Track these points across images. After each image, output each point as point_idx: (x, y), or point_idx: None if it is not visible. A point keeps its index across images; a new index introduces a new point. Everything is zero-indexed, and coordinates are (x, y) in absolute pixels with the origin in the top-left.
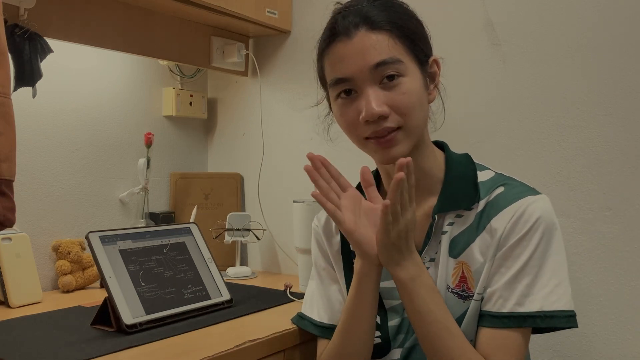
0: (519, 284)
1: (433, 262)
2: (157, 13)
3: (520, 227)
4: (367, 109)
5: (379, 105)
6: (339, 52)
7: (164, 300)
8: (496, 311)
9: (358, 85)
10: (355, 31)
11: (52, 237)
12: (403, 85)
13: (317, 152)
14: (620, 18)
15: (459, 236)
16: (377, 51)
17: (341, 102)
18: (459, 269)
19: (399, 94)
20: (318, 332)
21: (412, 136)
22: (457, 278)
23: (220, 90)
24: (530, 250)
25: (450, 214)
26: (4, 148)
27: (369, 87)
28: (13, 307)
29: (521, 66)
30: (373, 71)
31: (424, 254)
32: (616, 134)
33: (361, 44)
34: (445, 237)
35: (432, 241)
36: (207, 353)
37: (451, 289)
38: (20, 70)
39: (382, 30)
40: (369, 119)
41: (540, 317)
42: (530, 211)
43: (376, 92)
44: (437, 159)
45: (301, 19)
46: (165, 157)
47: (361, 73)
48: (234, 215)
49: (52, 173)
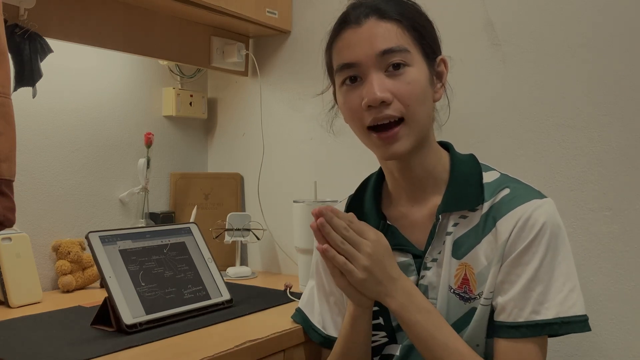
0: (533, 292)
1: (435, 263)
2: (157, 13)
3: (526, 233)
4: (369, 93)
5: (382, 91)
6: (347, 38)
7: (164, 300)
8: (512, 321)
9: (363, 72)
10: (365, 19)
11: (52, 237)
12: (408, 75)
13: (318, 152)
14: (621, 18)
15: (463, 237)
16: (385, 39)
17: (346, 89)
18: (462, 271)
19: (403, 83)
20: (320, 340)
21: (415, 132)
22: (460, 279)
23: (220, 90)
24: (539, 256)
25: (454, 215)
26: (4, 148)
27: (374, 73)
28: (13, 307)
29: (521, 66)
30: (379, 58)
31: (427, 254)
32: (616, 134)
33: (370, 31)
34: (450, 238)
35: (436, 241)
36: (207, 353)
37: (453, 289)
38: (20, 70)
39: (391, 19)
40: (371, 104)
41: (557, 323)
42: (536, 216)
43: (380, 78)
44: (441, 159)
45: (301, 19)
46: (165, 157)
47: (367, 59)
48: (234, 215)
49: (52, 173)
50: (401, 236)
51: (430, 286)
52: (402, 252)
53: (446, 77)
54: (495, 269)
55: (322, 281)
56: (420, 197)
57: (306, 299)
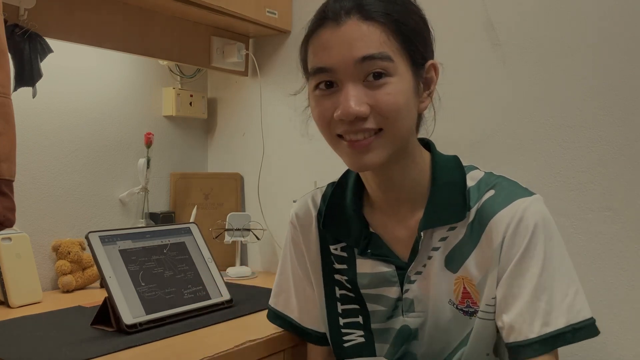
0: (539, 302)
1: (420, 275)
2: (157, 13)
3: (520, 239)
4: (343, 107)
5: (358, 104)
6: (324, 39)
7: (164, 300)
8: (524, 339)
9: (339, 79)
10: (345, 18)
11: (52, 237)
12: (389, 86)
13: (318, 152)
14: (621, 18)
15: (455, 250)
16: (366, 44)
17: (319, 94)
18: (460, 285)
19: (383, 94)
20: (299, 333)
21: (391, 145)
22: (460, 294)
23: (220, 90)
24: (538, 263)
25: (440, 230)
26: (4, 148)
27: (350, 83)
28: (13, 307)
29: (521, 66)
30: (358, 65)
31: (410, 268)
32: (616, 134)
33: (349, 33)
34: (438, 254)
35: (420, 257)
36: (207, 353)
37: (456, 305)
38: (20, 70)
39: (375, 21)
40: (344, 118)
41: (569, 332)
42: (527, 218)
43: (357, 89)
44: (422, 167)
45: (301, 19)
46: (165, 157)
47: (344, 65)
48: (234, 215)
49: (52, 173)
50: (385, 246)
51: (416, 300)
52: (385, 263)
53: (435, 85)
54: (492, 276)
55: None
56: (402, 210)
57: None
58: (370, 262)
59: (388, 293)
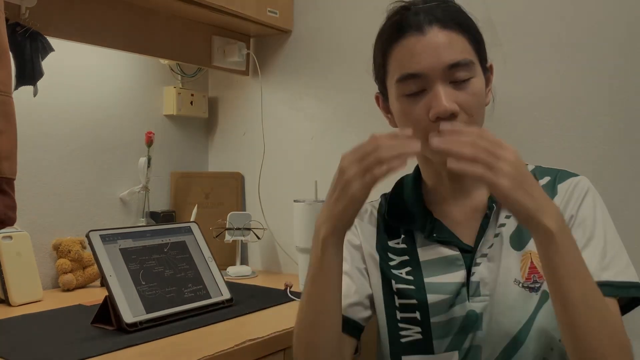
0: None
1: (486, 258)
2: (159, 12)
3: (576, 196)
4: (438, 105)
5: (451, 103)
6: (410, 47)
7: (165, 299)
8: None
9: (428, 83)
10: (428, 27)
11: (52, 235)
12: (473, 86)
13: (319, 151)
14: (621, 18)
15: (519, 228)
16: (451, 50)
17: (407, 100)
18: (527, 260)
19: (469, 94)
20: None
21: None
22: (526, 270)
23: (221, 90)
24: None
25: None
26: (5, 146)
27: (440, 84)
28: (14, 305)
29: (521, 66)
30: (446, 70)
31: (477, 251)
32: (616, 134)
33: (435, 40)
34: (504, 230)
35: (488, 234)
36: (207, 352)
37: (521, 283)
38: (21, 69)
39: (453, 30)
40: (441, 115)
41: (634, 287)
42: (581, 183)
43: (447, 90)
44: None
45: (302, 18)
46: (166, 156)
47: (433, 71)
48: (234, 215)
49: (53, 172)
50: (448, 230)
51: (482, 282)
52: (450, 246)
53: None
54: None
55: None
56: (466, 193)
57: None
58: (434, 248)
59: (452, 279)
